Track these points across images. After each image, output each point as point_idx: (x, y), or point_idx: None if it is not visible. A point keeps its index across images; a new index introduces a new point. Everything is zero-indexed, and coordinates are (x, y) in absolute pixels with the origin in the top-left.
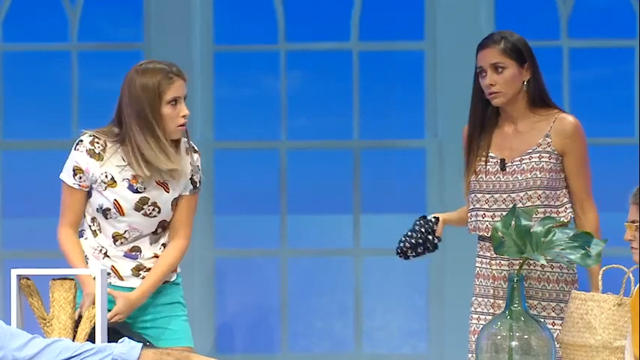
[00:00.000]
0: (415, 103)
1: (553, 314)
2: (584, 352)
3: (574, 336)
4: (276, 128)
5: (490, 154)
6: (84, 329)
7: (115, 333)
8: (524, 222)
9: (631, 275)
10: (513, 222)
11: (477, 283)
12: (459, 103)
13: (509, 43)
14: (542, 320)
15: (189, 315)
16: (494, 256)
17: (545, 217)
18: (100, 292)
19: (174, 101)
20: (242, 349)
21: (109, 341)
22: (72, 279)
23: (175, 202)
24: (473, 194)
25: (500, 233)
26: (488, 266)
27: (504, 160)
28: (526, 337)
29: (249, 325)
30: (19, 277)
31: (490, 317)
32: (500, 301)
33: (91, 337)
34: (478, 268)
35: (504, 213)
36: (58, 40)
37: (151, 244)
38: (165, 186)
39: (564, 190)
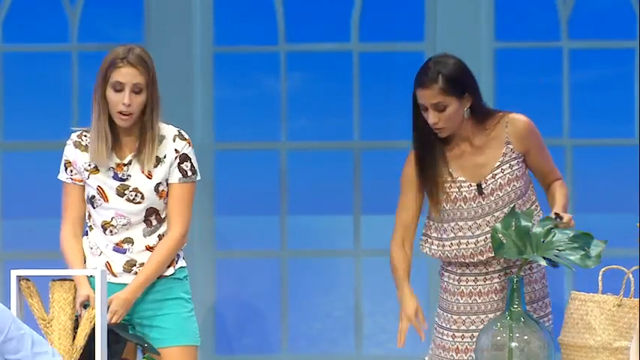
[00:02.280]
0: None
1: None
2: (584, 352)
3: (574, 337)
4: (277, 129)
5: (460, 179)
6: (83, 330)
7: (113, 334)
8: (524, 223)
9: (631, 276)
10: (513, 223)
11: (444, 297)
12: None
13: (446, 78)
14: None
15: None
16: (465, 272)
17: (544, 218)
18: (99, 293)
19: (119, 86)
20: (242, 350)
21: (108, 342)
22: (72, 280)
23: (163, 190)
24: (453, 222)
25: (500, 234)
26: (457, 282)
27: (480, 184)
28: (526, 338)
29: (249, 325)
30: (19, 278)
31: (451, 333)
32: (464, 317)
33: (91, 338)
34: (446, 283)
35: (488, 236)
36: (58, 41)
37: (144, 235)
38: (148, 174)
39: (530, 189)
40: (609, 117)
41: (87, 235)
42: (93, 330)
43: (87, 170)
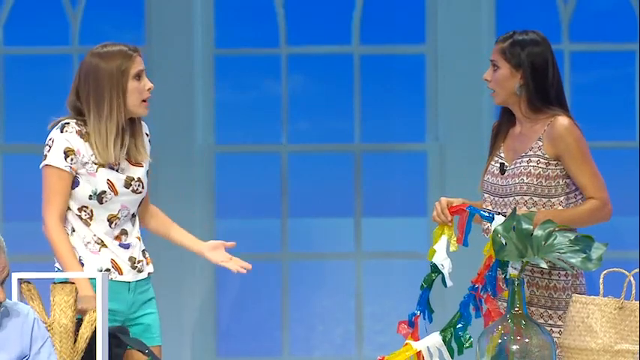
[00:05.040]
0: (416, 107)
1: (550, 322)
2: (585, 355)
3: (575, 339)
4: (278, 132)
5: (501, 154)
6: (84, 333)
7: (114, 338)
8: (524, 226)
9: (632, 279)
10: (514, 226)
11: None
12: (460, 106)
13: (512, 43)
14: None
15: (191, 318)
16: None
17: (545, 220)
18: (100, 295)
19: (138, 76)
20: (243, 353)
21: (109, 345)
22: (73, 283)
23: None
24: (485, 193)
25: (500, 237)
26: None
27: (504, 164)
28: (527, 340)
29: (250, 328)
30: (20, 281)
31: None
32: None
33: (92, 341)
34: None
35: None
36: (59, 44)
37: (132, 225)
38: (137, 163)
39: (562, 199)
40: (610, 119)
41: (73, 232)
42: (94, 333)
43: (95, 163)
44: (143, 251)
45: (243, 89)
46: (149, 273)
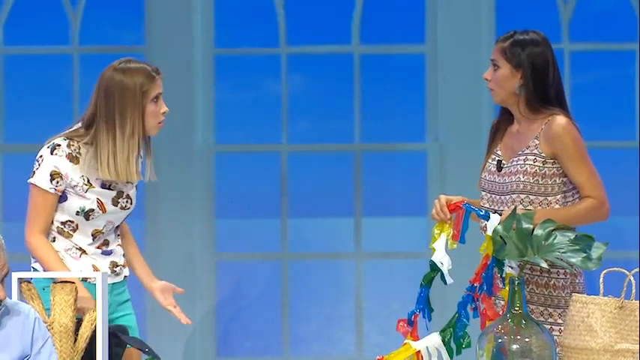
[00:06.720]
0: (416, 107)
1: (550, 320)
2: (585, 355)
3: (575, 339)
4: (278, 131)
5: (498, 152)
6: (84, 333)
7: (115, 337)
8: (525, 225)
9: (632, 278)
10: (514, 225)
11: None
12: (460, 106)
13: (512, 43)
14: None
15: (191, 318)
16: None
17: (545, 220)
18: (100, 296)
19: (156, 98)
20: (243, 353)
21: (109, 345)
22: (73, 282)
23: None
24: (483, 191)
25: (500, 236)
26: None
27: (501, 161)
28: (527, 340)
29: (250, 328)
30: (20, 281)
31: None
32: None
33: (92, 341)
34: None
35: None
36: (59, 44)
37: (115, 235)
38: (129, 181)
39: (558, 197)
40: (610, 119)
41: (54, 240)
42: (94, 333)
43: (85, 185)
44: (122, 255)
45: (243, 89)
46: (125, 276)
